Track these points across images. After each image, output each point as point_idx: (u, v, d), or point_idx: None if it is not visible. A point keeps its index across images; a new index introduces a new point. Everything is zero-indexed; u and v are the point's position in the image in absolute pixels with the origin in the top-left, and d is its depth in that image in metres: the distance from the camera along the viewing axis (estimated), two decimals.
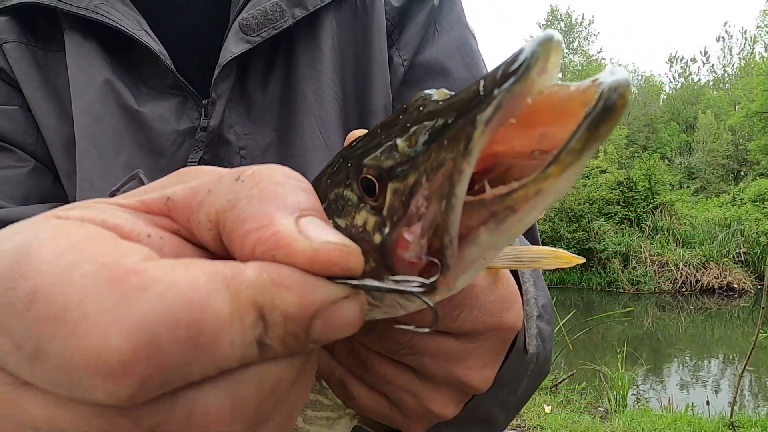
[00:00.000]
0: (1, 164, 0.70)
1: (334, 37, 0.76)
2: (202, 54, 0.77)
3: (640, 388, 7.89)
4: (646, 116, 35.40)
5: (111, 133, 0.71)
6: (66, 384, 0.23)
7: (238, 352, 0.25)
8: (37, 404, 0.24)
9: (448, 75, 0.76)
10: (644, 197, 19.37)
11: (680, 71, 42.06)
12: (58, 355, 0.22)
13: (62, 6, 0.68)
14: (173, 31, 0.77)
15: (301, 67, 0.76)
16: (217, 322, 0.24)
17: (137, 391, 0.23)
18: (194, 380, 0.24)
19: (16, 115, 0.72)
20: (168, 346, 0.23)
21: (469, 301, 0.39)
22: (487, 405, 0.49)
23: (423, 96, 0.35)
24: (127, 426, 0.24)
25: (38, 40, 0.74)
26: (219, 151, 0.76)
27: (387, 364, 0.43)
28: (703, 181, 27.92)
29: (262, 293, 0.25)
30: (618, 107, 0.25)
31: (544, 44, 0.26)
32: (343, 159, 0.39)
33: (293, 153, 0.76)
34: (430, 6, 0.77)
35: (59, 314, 0.22)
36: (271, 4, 0.70)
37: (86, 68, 0.71)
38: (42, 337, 0.22)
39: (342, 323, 0.27)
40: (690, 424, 5.49)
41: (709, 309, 14.74)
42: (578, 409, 6.19)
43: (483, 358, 0.42)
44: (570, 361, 8.49)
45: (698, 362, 10.12)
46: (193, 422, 0.24)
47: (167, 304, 0.23)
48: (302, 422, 0.53)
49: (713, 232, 18.26)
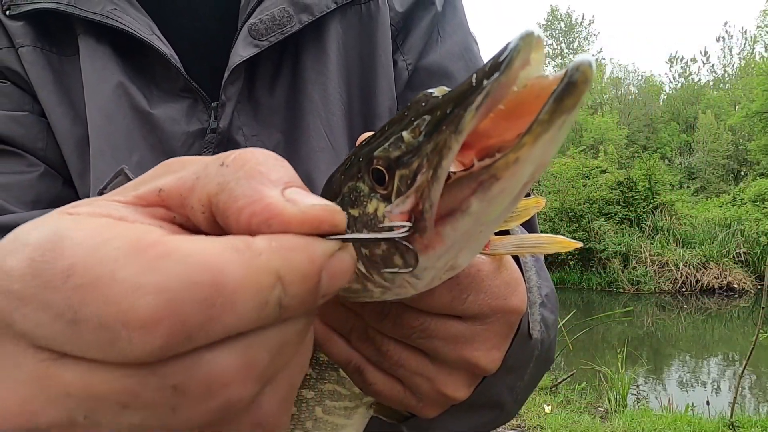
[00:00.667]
0: (12, 169, 0.72)
1: (340, 41, 0.78)
2: (212, 58, 0.79)
3: (640, 388, 7.90)
4: (646, 116, 35.40)
5: (124, 134, 0.73)
6: (103, 343, 0.25)
7: (254, 314, 0.27)
8: (73, 373, 0.26)
9: (450, 78, 0.79)
10: (644, 197, 19.37)
11: (680, 71, 42.06)
12: (96, 315, 0.25)
13: (77, 12, 0.71)
14: (184, 35, 0.79)
15: (307, 71, 0.78)
16: (233, 285, 0.27)
17: (165, 343, 0.25)
18: (214, 340, 0.27)
19: (27, 120, 0.74)
20: (189, 305, 0.26)
21: (475, 285, 0.42)
22: (496, 389, 0.52)
23: (425, 94, 0.39)
24: (154, 383, 0.26)
25: (52, 44, 0.76)
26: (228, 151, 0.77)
27: (401, 349, 0.45)
28: (703, 181, 27.92)
29: (277, 258, 0.28)
30: (579, 83, 0.29)
31: (525, 39, 0.30)
32: (354, 156, 0.42)
33: (300, 154, 0.78)
34: (434, 12, 0.80)
35: (95, 282, 0.25)
36: (278, 10, 0.72)
37: (100, 71, 0.74)
38: (81, 302, 0.25)
39: (341, 272, 0.31)
40: (690, 424, 5.49)
41: (709, 309, 14.74)
42: (578, 409, 6.20)
43: (490, 340, 0.45)
44: (570, 361, 8.49)
45: (698, 362, 10.13)
46: (212, 381, 0.27)
47: (187, 269, 0.26)
48: (321, 412, 0.55)
49: (713, 232, 18.25)
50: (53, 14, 0.72)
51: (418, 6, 0.79)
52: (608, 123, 32.29)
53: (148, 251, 0.26)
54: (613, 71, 42.26)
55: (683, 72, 41.91)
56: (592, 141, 31.10)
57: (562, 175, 19.90)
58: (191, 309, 0.26)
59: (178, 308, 0.25)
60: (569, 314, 8.41)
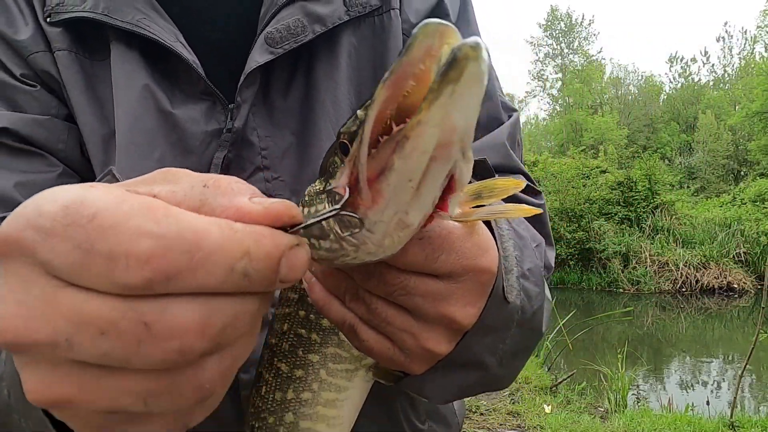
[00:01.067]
0: (34, 168, 0.80)
1: (352, 51, 0.85)
2: (231, 63, 0.85)
3: (640, 388, 7.90)
4: (646, 116, 35.43)
5: (148, 133, 0.80)
6: (107, 270, 0.33)
7: (222, 275, 0.35)
8: (73, 299, 0.33)
9: None
10: (644, 197, 19.37)
11: (680, 71, 42.06)
12: (107, 248, 0.32)
13: (110, 21, 0.78)
14: (205, 42, 0.85)
15: (319, 78, 0.84)
16: (211, 247, 0.34)
17: (151, 278, 0.33)
18: (185, 291, 0.34)
19: (50, 124, 0.82)
20: (175, 253, 0.33)
21: (447, 245, 0.48)
22: (477, 348, 0.56)
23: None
24: (131, 316, 0.33)
25: (86, 50, 0.84)
26: (242, 150, 0.84)
27: (387, 307, 0.51)
28: (703, 181, 27.93)
29: (249, 238, 0.36)
30: (460, 58, 0.35)
31: (423, 27, 0.37)
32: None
33: (311, 155, 0.84)
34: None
35: (112, 224, 0.33)
36: (293, 20, 0.79)
37: (128, 75, 0.81)
38: (98, 237, 0.33)
39: (298, 262, 0.38)
40: (690, 424, 5.49)
41: (709, 309, 14.74)
42: (578, 409, 6.19)
43: (465, 297, 0.51)
44: (570, 361, 8.49)
45: (698, 362, 10.13)
46: (175, 326, 0.34)
47: (180, 227, 0.34)
48: (325, 375, 0.62)
49: (713, 232, 18.26)
50: (88, 22, 0.80)
51: (432, 17, 0.85)
52: (608, 123, 32.31)
53: (155, 211, 0.34)
54: (613, 71, 42.31)
55: (683, 72, 41.92)
56: (592, 141, 31.11)
57: (562, 175, 19.89)
58: (175, 256, 0.33)
59: (167, 253, 0.33)
60: (569, 314, 8.41)
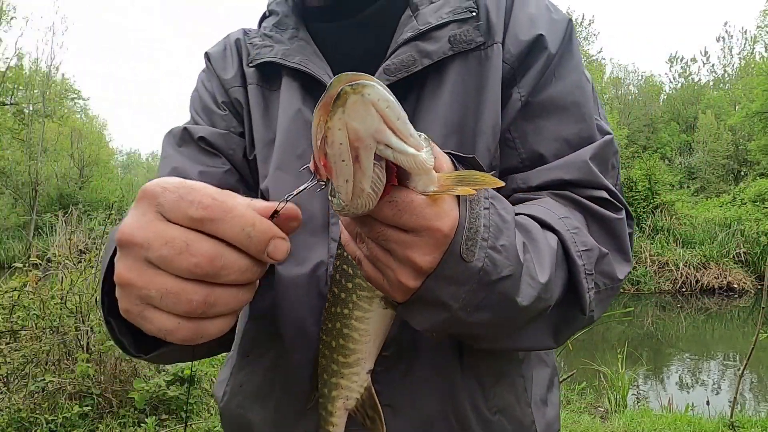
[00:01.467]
0: (212, 164, 1.15)
1: (459, 80, 1.03)
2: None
3: (640, 388, 7.90)
4: (646, 116, 35.42)
5: (296, 137, 1.09)
6: (186, 208, 0.56)
7: (236, 229, 0.57)
8: (164, 225, 0.57)
9: (562, 112, 1.03)
10: (644, 197, 19.37)
11: (680, 71, 41.99)
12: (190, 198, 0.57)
13: (284, 62, 1.11)
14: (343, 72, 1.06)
15: (426, 101, 1.05)
16: (238, 212, 0.57)
17: (205, 215, 0.56)
18: (213, 233, 0.56)
19: (228, 136, 1.18)
20: (220, 209, 0.56)
21: (409, 209, 0.62)
22: (439, 291, 0.70)
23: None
24: (184, 236, 0.56)
25: (265, 83, 1.17)
26: None
27: (377, 249, 0.68)
28: (703, 181, 27.92)
29: (257, 218, 0.58)
30: (342, 93, 0.50)
31: (334, 79, 0.52)
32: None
33: None
34: (547, 54, 1.03)
35: (196, 190, 0.57)
36: (407, 56, 1.03)
37: (289, 100, 1.11)
38: (186, 194, 0.57)
39: (280, 250, 0.59)
40: (690, 424, 5.49)
41: (709, 309, 14.75)
42: (578, 409, 6.20)
43: (423, 248, 0.66)
44: (570, 361, 8.49)
45: (698, 362, 10.13)
46: (200, 250, 0.56)
47: (226, 198, 0.58)
48: (356, 298, 0.80)
49: (713, 232, 18.26)
50: (272, 64, 1.14)
51: (532, 50, 1.04)
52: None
53: (218, 190, 0.58)
54: (613, 71, 42.27)
55: (683, 72, 41.87)
56: None
57: None
58: (220, 210, 0.56)
59: (216, 207, 0.56)
60: None
